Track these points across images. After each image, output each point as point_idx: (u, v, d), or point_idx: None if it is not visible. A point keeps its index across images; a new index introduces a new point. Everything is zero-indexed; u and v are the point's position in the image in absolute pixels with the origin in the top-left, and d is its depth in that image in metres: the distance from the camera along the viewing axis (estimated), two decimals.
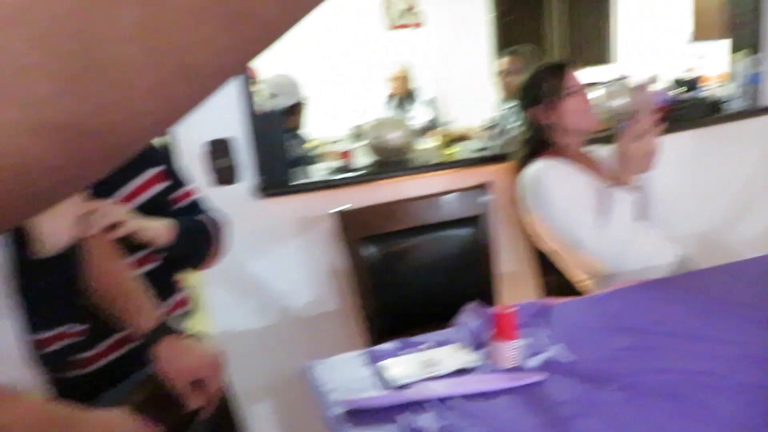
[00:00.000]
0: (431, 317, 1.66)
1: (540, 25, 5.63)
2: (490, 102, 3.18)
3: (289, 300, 2.04)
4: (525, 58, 2.81)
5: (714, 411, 0.93)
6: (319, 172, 2.07)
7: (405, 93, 4.00)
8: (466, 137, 2.85)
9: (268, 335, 2.02)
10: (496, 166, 2.07)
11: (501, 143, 2.17)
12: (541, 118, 1.74)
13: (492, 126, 2.77)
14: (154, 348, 0.99)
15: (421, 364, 1.16)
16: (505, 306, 1.15)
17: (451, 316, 1.37)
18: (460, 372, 1.14)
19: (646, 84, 1.61)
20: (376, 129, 2.03)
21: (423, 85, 4.01)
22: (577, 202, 1.63)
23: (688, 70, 3.60)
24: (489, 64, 5.26)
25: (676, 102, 2.41)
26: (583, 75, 1.78)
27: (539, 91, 1.72)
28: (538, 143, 1.76)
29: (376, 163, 2.05)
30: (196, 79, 0.20)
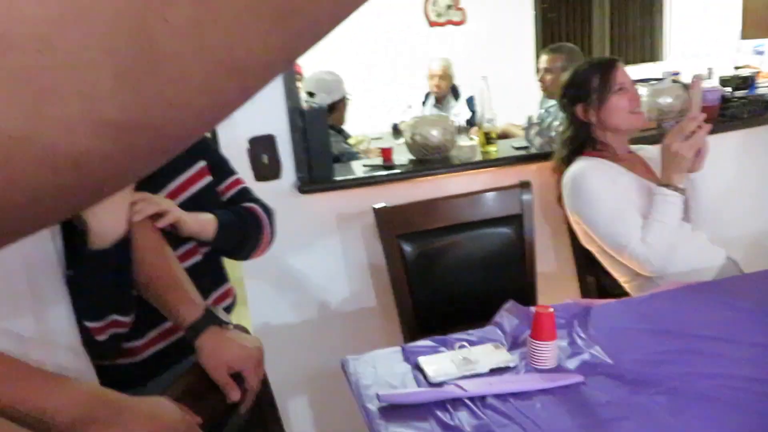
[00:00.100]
0: (468, 315, 1.65)
1: (585, 21, 5.52)
2: (532, 100, 3.14)
3: (327, 295, 2.06)
4: (565, 56, 2.75)
5: (759, 418, 0.91)
6: (359, 168, 2.08)
7: (446, 90, 3.98)
8: (507, 135, 2.81)
9: (306, 330, 2.05)
10: (536, 165, 2.05)
11: (542, 141, 2.13)
12: (584, 115, 1.70)
13: (533, 124, 2.73)
14: (197, 339, 1.00)
15: (457, 362, 1.15)
16: (544, 306, 1.14)
17: (489, 315, 1.37)
18: (497, 371, 1.13)
19: (697, 81, 1.57)
20: (416, 126, 2.03)
21: (464, 82, 3.97)
22: (621, 202, 1.59)
23: (741, 68, 3.47)
24: (532, 61, 5.19)
25: (727, 100, 2.33)
26: (630, 72, 1.74)
27: (586, 87, 1.68)
28: (581, 142, 1.73)
29: (416, 161, 2.05)
30: (246, 76, 0.20)
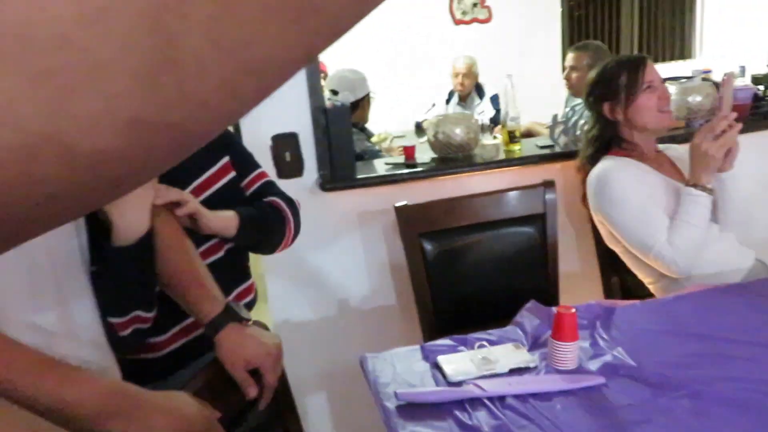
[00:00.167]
0: (489, 315, 1.64)
1: (614, 18, 5.44)
2: (558, 98, 3.10)
3: (347, 293, 2.06)
4: (592, 54, 2.71)
5: None
6: (382, 166, 2.08)
7: (470, 88, 3.96)
8: (531, 134, 2.79)
9: (325, 327, 2.05)
10: (561, 164, 2.03)
11: (567, 140, 2.11)
12: (611, 114, 1.68)
13: (558, 122, 2.70)
14: (217, 335, 1.01)
15: (477, 361, 1.15)
16: (566, 306, 1.13)
17: (509, 314, 1.36)
18: (516, 371, 1.13)
19: (728, 79, 1.53)
20: (440, 124, 2.02)
21: (489, 81, 3.95)
22: (647, 203, 1.56)
23: None
24: (558, 59, 5.13)
25: (760, 98, 2.28)
26: (660, 70, 1.71)
27: (614, 85, 1.65)
28: (607, 140, 1.70)
29: (438, 159, 2.04)
30: (264, 73, 0.20)
